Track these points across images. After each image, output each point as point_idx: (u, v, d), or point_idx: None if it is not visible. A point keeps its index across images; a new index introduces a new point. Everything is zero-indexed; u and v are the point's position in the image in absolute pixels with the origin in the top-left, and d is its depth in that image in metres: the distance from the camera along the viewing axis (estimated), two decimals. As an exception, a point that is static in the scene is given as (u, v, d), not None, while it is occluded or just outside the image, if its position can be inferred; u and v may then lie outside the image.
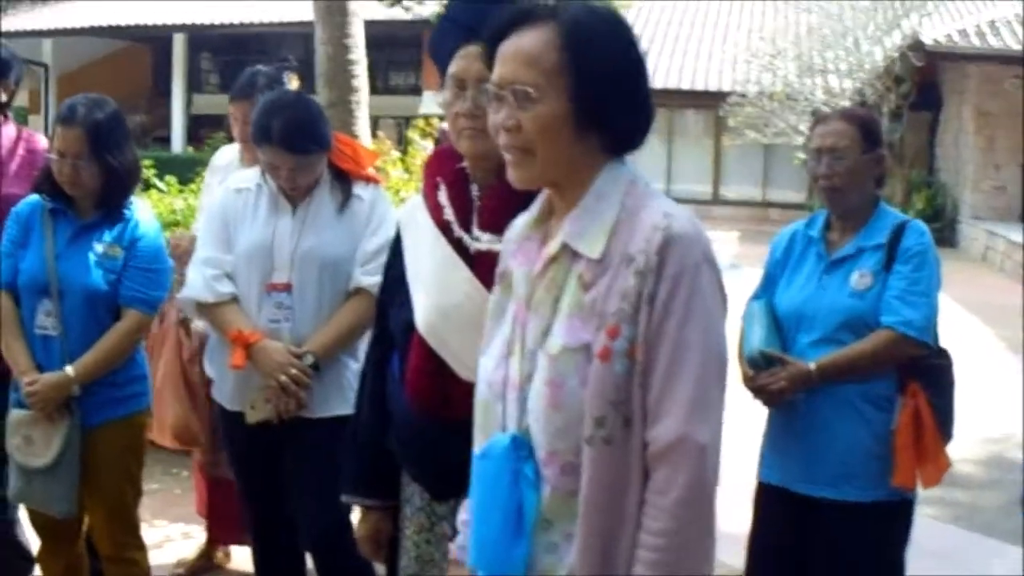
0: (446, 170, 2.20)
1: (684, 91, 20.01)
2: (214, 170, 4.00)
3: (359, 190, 3.09)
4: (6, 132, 3.54)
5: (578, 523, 1.54)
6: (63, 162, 2.96)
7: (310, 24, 6.23)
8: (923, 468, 2.74)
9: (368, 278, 2.94)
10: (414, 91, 21.08)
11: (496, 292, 1.74)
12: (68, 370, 2.95)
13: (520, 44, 1.58)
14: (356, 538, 2.37)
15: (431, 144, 6.41)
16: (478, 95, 1.99)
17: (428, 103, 17.48)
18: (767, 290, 2.94)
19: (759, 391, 2.80)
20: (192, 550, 4.10)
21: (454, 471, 1.85)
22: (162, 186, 5.99)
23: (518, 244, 1.70)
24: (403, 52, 21.07)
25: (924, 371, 2.73)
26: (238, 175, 3.30)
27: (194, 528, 4.28)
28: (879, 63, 16.15)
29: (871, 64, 16.32)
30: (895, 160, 14.99)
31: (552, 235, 1.63)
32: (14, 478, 3.05)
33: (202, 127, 21.11)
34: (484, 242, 2.10)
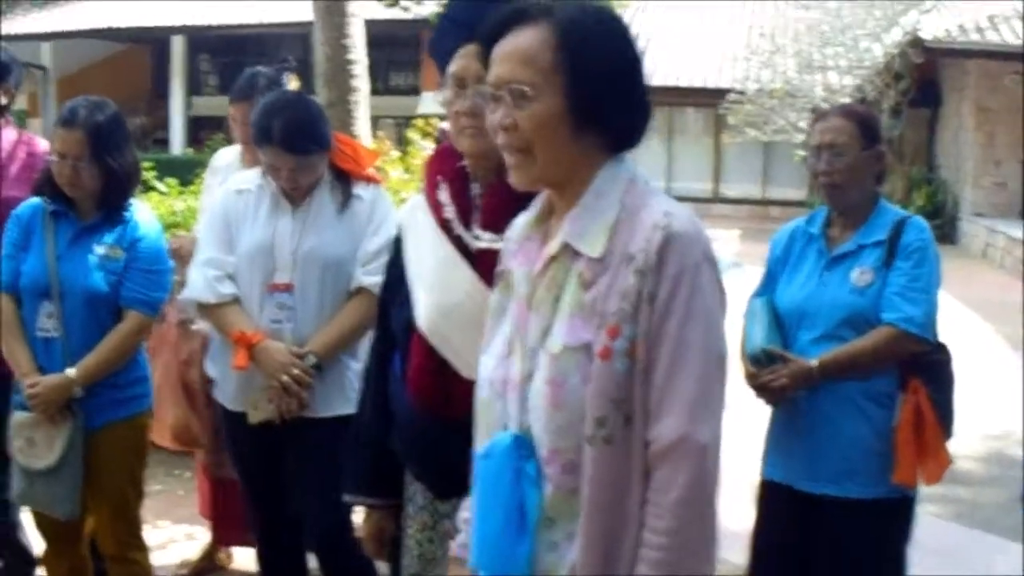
0: (447, 169, 2.21)
1: (684, 89, 19.90)
2: (214, 171, 4.00)
3: (360, 190, 3.10)
4: (6, 135, 3.54)
5: (580, 522, 1.54)
6: (63, 164, 2.97)
7: (309, 25, 6.22)
8: (924, 464, 2.74)
9: (369, 278, 2.95)
10: (413, 91, 21.05)
11: (495, 292, 1.74)
12: (69, 372, 2.95)
13: (516, 43, 1.58)
14: (359, 537, 2.37)
15: (431, 144, 6.40)
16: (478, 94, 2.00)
17: (427, 103, 17.45)
18: (768, 287, 2.94)
19: (761, 389, 2.80)
20: (196, 551, 4.11)
21: (456, 469, 1.84)
22: (163, 188, 5.99)
23: (519, 244, 1.70)
24: (402, 52, 21.04)
25: (925, 367, 2.73)
26: (239, 176, 3.30)
27: (197, 529, 4.28)
28: (879, 60, 16.10)
29: (871, 61, 16.28)
30: (895, 157, 14.99)
31: (552, 234, 1.63)
32: (17, 480, 3.05)
33: (202, 129, 21.11)
34: (485, 240, 2.10)
